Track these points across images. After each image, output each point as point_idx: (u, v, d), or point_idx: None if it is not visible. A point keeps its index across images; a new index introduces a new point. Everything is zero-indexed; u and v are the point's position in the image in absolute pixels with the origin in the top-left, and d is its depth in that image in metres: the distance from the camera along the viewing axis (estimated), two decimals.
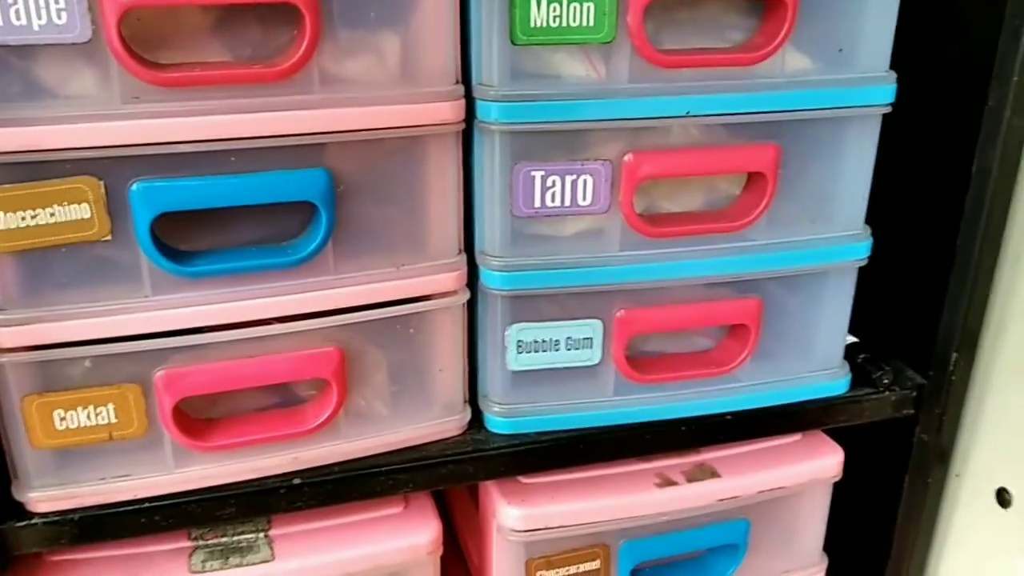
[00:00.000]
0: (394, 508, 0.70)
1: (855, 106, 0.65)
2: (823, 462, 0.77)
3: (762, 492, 0.75)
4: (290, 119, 0.55)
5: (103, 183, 0.54)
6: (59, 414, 0.58)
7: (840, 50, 0.64)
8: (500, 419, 0.69)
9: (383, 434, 0.66)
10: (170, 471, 0.61)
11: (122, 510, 0.61)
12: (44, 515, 0.60)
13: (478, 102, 0.60)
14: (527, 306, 0.65)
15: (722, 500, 0.73)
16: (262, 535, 0.67)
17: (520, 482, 0.71)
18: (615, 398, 0.69)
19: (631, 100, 0.60)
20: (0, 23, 0.49)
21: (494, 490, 0.71)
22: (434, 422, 0.68)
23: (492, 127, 0.59)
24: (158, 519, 0.61)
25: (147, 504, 0.61)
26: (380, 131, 0.58)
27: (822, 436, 0.80)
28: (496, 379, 0.68)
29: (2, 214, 0.52)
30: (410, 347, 0.65)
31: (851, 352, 0.78)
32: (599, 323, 0.67)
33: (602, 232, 0.64)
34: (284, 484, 0.64)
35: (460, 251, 0.65)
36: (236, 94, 0.54)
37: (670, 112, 0.61)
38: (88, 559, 0.65)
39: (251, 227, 0.59)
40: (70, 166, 0.53)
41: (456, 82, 0.60)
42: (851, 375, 0.76)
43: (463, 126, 0.61)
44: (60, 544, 0.61)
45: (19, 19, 0.49)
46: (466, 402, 0.70)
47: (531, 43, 0.58)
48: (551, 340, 0.66)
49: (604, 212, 0.63)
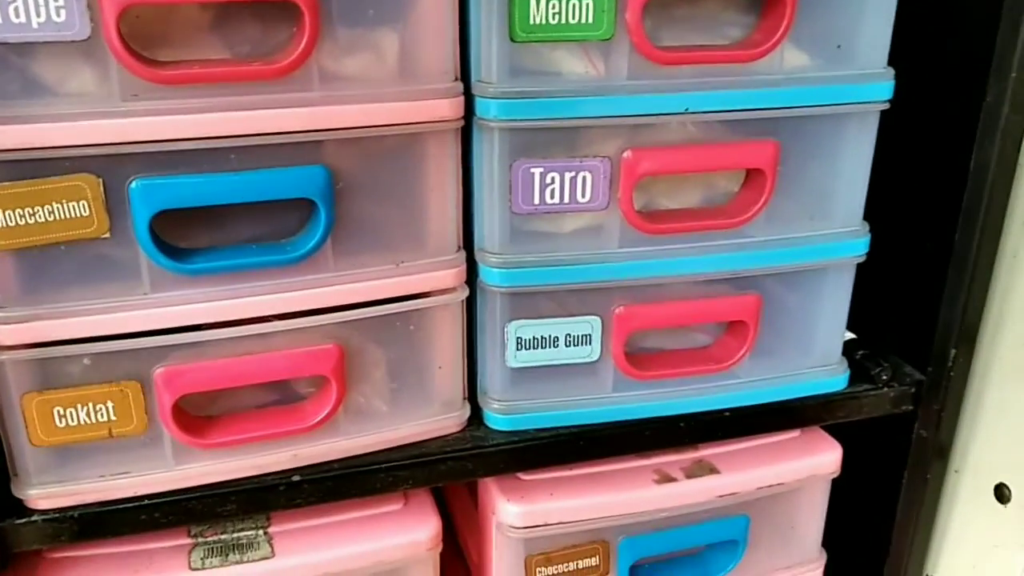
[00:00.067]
0: (394, 505, 0.70)
1: (853, 102, 0.65)
2: (822, 458, 0.77)
3: (761, 488, 0.75)
4: (289, 116, 0.55)
5: (102, 181, 0.54)
6: (59, 411, 0.58)
7: (838, 47, 0.64)
8: (499, 416, 0.69)
9: (383, 431, 0.66)
10: (170, 468, 0.61)
11: (122, 507, 0.61)
12: (44, 512, 0.60)
13: (477, 99, 0.60)
14: (526, 303, 0.65)
15: (721, 496, 0.73)
16: (262, 532, 0.67)
17: (519, 478, 0.71)
18: (614, 394, 0.70)
19: (630, 97, 0.60)
20: None
21: (493, 487, 0.71)
22: (433, 419, 0.68)
23: (491, 124, 0.59)
24: (158, 516, 0.61)
25: (147, 501, 0.61)
26: (379, 128, 0.58)
27: (821, 432, 0.80)
28: (495, 376, 0.68)
29: (1, 212, 0.52)
30: (409, 344, 0.65)
31: (850, 348, 0.78)
32: (598, 320, 0.67)
33: (601, 229, 0.64)
34: (284, 481, 0.64)
35: (459, 248, 0.65)
36: (235, 91, 0.54)
37: (669, 109, 0.61)
38: (88, 556, 0.65)
39: (250, 224, 0.59)
40: (69, 164, 0.53)
41: (455, 79, 0.60)
42: (850, 371, 0.76)
43: (462, 123, 0.60)
44: (60, 541, 0.61)
45: (18, 17, 0.49)
46: (465, 399, 0.70)
47: (530, 40, 0.58)
48: (550, 337, 0.66)
49: (603, 209, 0.63)
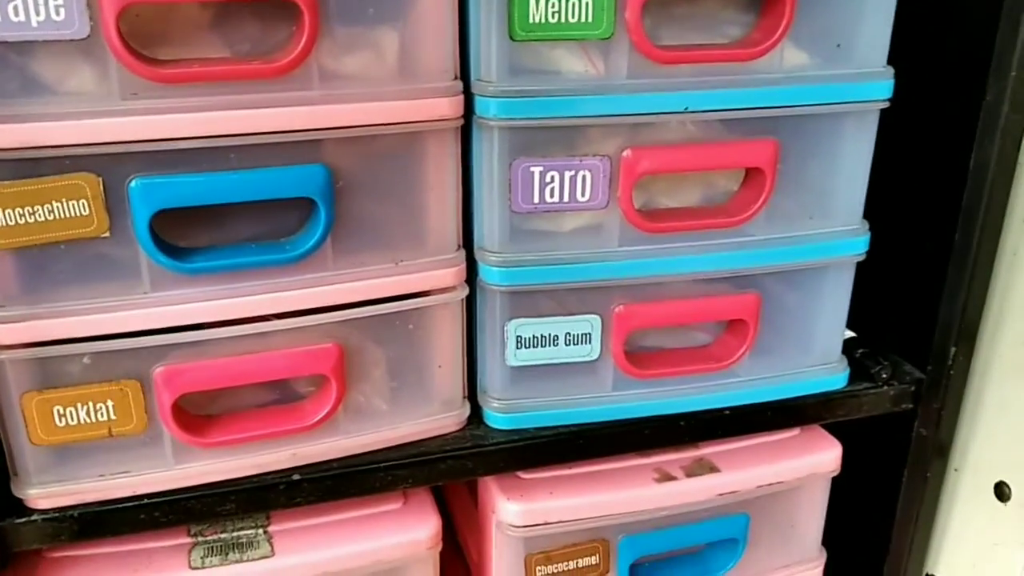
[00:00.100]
0: (393, 504, 0.70)
1: (853, 101, 0.65)
2: (821, 457, 0.77)
3: (761, 487, 0.75)
4: (289, 115, 0.55)
5: (101, 179, 0.53)
6: (58, 411, 0.58)
7: (838, 45, 0.64)
8: (499, 415, 0.69)
9: (382, 430, 0.66)
10: (169, 467, 0.61)
11: (122, 506, 0.61)
12: (44, 512, 0.60)
13: (477, 98, 0.60)
14: (526, 302, 0.65)
15: (721, 495, 0.73)
16: (261, 531, 0.67)
17: (519, 477, 0.71)
18: (614, 393, 0.70)
19: (629, 96, 0.60)
20: None
21: (493, 485, 0.71)
22: (433, 418, 0.68)
23: (491, 123, 0.59)
24: (157, 515, 0.61)
25: (146, 500, 0.61)
26: (379, 127, 0.58)
27: (820, 431, 0.80)
28: (495, 375, 0.68)
29: (1, 211, 0.52)
30: (409, 343, 0.65)
31: (849, 347, 0.78)
32: (598, 319, 0.67)
33: (601, 228, 0.64)
34: (283, 480, 0.64)
35: (459, 247, 0.65)
36: (235, 90, 0.54)
37: (668, 108, 0.61)
38: (88, 555, 0.65)
39: (250, 223, 0.59)
40: (69, 162, 0.53)
41: (455, 78, 0.60)
42: (849, 370, 0.76)
43: (462, 122, 0.60)
44: (60, 540, 0.61)
45: (17, 15, 0.49)
46: (465, 398, 0.70)
47: (530, 39, 0.58)
48: (550, 336, 0.66)
49: (603, 208, 0.63)
